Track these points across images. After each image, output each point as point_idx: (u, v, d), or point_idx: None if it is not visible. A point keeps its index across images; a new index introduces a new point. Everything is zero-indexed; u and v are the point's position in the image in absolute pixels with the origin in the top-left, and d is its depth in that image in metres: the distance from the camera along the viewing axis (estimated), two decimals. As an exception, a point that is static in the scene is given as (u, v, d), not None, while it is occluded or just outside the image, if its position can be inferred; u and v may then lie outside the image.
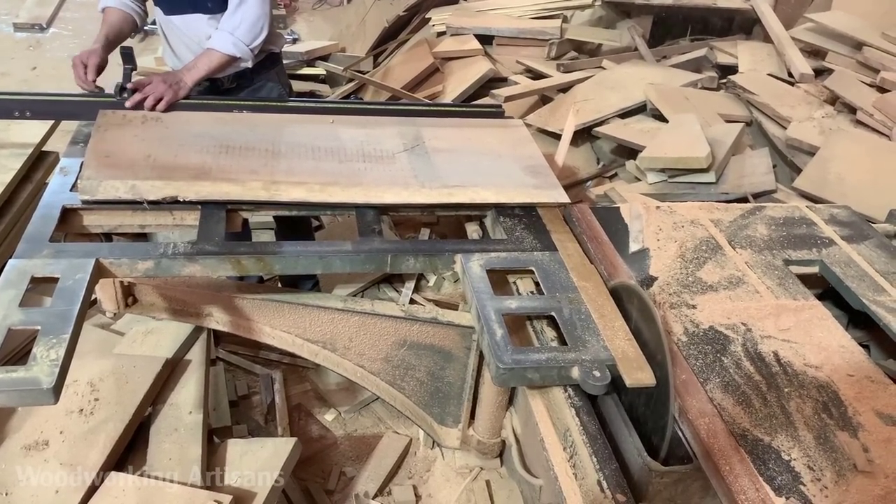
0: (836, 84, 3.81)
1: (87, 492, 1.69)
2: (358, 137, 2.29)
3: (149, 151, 2.07)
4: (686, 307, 1.90)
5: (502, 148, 2.34)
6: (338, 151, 2.20)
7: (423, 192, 2.07)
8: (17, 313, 1.51)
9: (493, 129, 2.47)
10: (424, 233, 3.38)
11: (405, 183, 2.09)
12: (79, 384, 1.95)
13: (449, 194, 2.08)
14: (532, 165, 2.26)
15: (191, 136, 2.18)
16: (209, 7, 2.42)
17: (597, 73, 4.33)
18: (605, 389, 1.56)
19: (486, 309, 1.71)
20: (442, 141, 2.33)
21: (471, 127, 2.47)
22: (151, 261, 1.75)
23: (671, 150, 3.24)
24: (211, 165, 2.05)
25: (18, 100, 2.33)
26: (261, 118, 2.34)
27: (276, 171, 2.07)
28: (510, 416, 2.10)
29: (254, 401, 2.57)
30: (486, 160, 2.26)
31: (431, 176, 2.14)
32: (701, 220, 2.28)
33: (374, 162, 2.17)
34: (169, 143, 2.13)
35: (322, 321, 2.06)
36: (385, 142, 2.29)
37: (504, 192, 2.12)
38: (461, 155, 2.27)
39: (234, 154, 2.12)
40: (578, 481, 1.60)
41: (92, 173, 1.94)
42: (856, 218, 2.39)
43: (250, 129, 2.26)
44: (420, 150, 2.26)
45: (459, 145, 2.33)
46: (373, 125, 2.39)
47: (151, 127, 2.21)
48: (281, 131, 2.27)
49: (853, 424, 1.57)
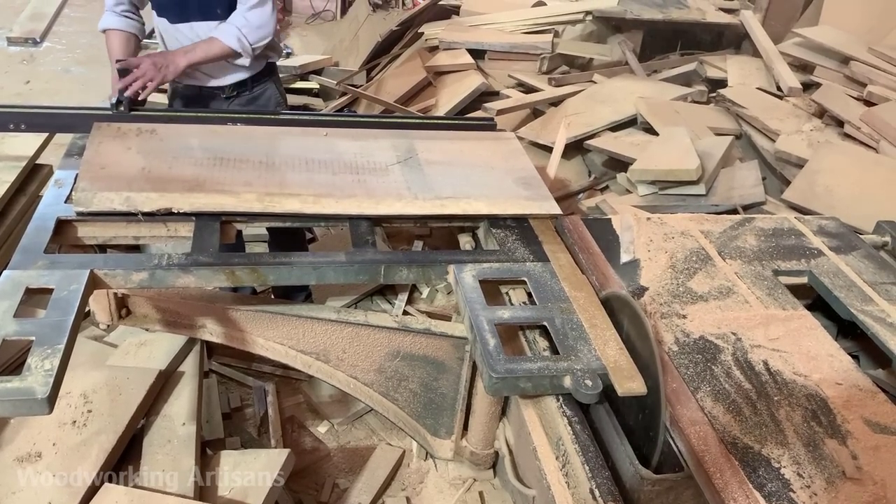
0: (824, 98, 3.86)
1: (79, 503, 1.69)
2: (351, 150, 2.30)
3: (144, 164, 2.08)
4: (676, 317, 1.91)
5: (495, 160, 2.36)
6: (332, 164, 2.21)
7: (416, 204, 2.08)
8: (12, 324, 1.51)
9: (485, 141, 2.49)
10: (417, 245, 3.40)
11: (398, 194, 2.11)
12: (72, 396, 1.95)
13: (442, 206, 2.09)
14: (524, 177, 2.28)
15: (185, 148, 2.19)
16: (218, 14, 2.43)
17: (588, 86, 4.37)
18: (597, 398, 1.57)
19: (479, 319, 1.72)
20: (435, 153, 2.35)
21: (463, 140, 2.49)
22: (146, 272, 1.75)
23: (661, 162, 3.28)
24: (206, 177, 2.06)
25: (12, 113, 2.33)
26: (255, 131, 2.35)
27: (270, 182, 2.07)
28: (503, 426, 2.11)
29: (247, 413, 2.57)
30: (479, 172, 2.28)
31: (425, 188, 2.15)
32: (691, 231, 2.30)
33: (367, 174, 2.19)
34: (164, 155, 2.14)
35: (315, 332, 2.07)
36: (378, 154, 2.30)
37: (496, 203, 2.13)
38: (454, 167, 2.28)
39: (228, 166, 2.13)
40: (571, 490, 1.61)
41: (87, 185, 1.95)
42: (844, 229, 2.41)
43: (245, 140, 2.27)
44: (413, 163, 2.27)
45: (452, 158, 2.34)
46: (366, 137, 2.40)
47: (146, 139, 2.21)
48: (275, 143, 2.28)
49: (842, 432, 1.59)
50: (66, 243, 1.95)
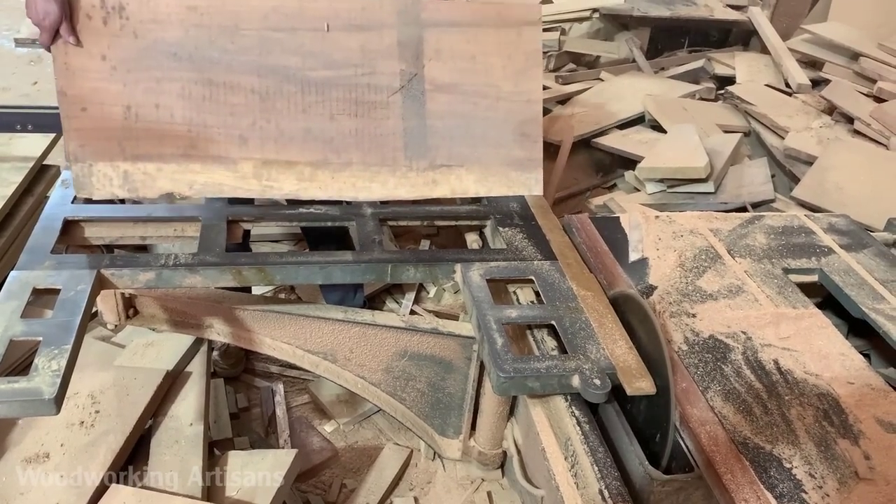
0: (834, 94, 3.84)
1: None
2: (353, 56, 2.07)
3: (126, 98, 1.91)
4: (686, 316, 1.90)
5: (505, 80, 2.14)
6: (330, 89, 2.05)
7: (409, 179, 2.03)
8: (19, 324, 1.52)
9: (502, 34, 2.15)
10: (425, 244, 3.39)
11: (394, 162, 2.04)
12: (79, 396, 1.95)
13: (433, 182, 2.05)
14: (525, 122, 2.13)
15: (167, 56, 1.94)
16: None
17: (595, 84, 4.36)
18: (606, 398, 1.56)
19: (487, 318, 1.71)
20: (444, 63, 2.11)
21: (479, 28, 2.14)
22: (153, 272, 1.75)
23: (670, 160, 3.26)
24: (197, 127, 1.94)
25: (20, 113, 2.34)
26: (244, 10, 2.01)
27: (265, 137, 1.98)
28: (511, 426, 2.10)
29: (254, 413, 2.57)
30: (482, 111, 2.12)
31: (421, 147, 2.07)
32: (700, 229, 2.28)
33: (365, 116, 2.06)
34: (145, 75, 1.92)
35: (323, 332, 2.06)
36: (381, 63, 2.08)
37: (485, 178, 2.08)
38: (458, 99, 2.11)
39: (217, 100, 1.96)
40: (580, 491, 1.60)
41: (76, 148, 1.84)
42: (854, 227, 2.39)
43: (231, 38, 1.99)
44: (416, 88, 2.09)
45: (461, 77, 2.12)
46: (370, 28, 2.09)
47: (118, 38, 1.91)
48: (267, 47, 2.02)
49: (854, 432, 1.57)
50: (73, 243, 1.96)
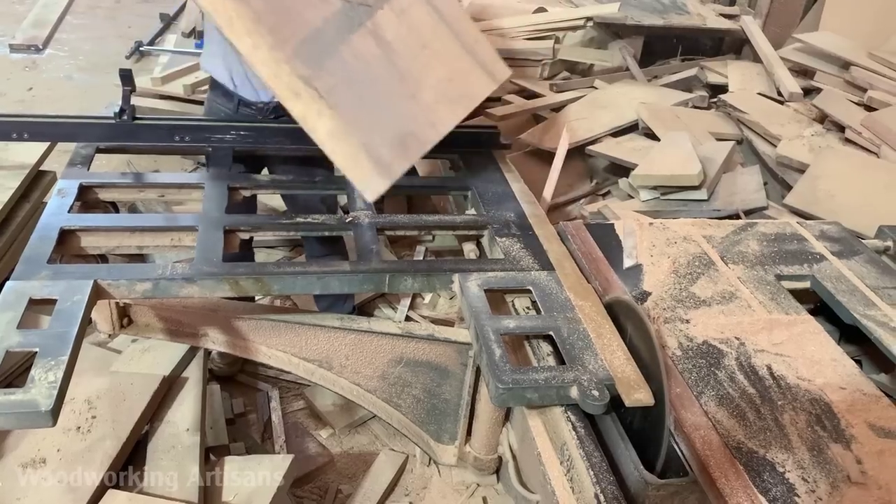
0: (825, 103, 3.87)
1: (84, 510, 1.70)
2: None
3: None
4: (680, 322, 1.92)
5: (431, 90, 1.91)
6: None
7: (281, 69, 1.74)
8: (15, 335, 1.50)
9: (464, 59, 1.97)
10: (420, 251, 3.40)
11: (281, 48, 1.75)
12: (76, 402, 1.95)
13: (295, 93, 1.76)
14: (413, 136, 1.87)
15: None
16: None
17: (589, 92, 4.37)
18: (605, 409, 1.56)
19: (485, 329, 1.71)
20: (398, 24, 1.90)
21: (450, 38, 1.95)
22: (150, 282, 1.74)
23: (663, 167, 3.28)
24: None
25: (16, 122, 2.31)
26: None
27: None
28: (507, 432, 2.11)
29: (250, 419, 2.57)
30: (388, 91, 1.87)
31: (318, 60, 1.79)
32: (693, 236, 2.30)
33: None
34: None
35: (318, 339, 2.07)
36: None
37: (339, 139, 1.80)
38: (381, 62, 1.87)
39: None
40: (576, 495, 1.60)
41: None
42: (846, 234, 2.42)
43: None
44: (357, 14, 1.84)
45: (401, 47, 1.89)
46: None
47: None
48: None
49: (846, 437, 1.59)
50: (70, 253, 1.96)
